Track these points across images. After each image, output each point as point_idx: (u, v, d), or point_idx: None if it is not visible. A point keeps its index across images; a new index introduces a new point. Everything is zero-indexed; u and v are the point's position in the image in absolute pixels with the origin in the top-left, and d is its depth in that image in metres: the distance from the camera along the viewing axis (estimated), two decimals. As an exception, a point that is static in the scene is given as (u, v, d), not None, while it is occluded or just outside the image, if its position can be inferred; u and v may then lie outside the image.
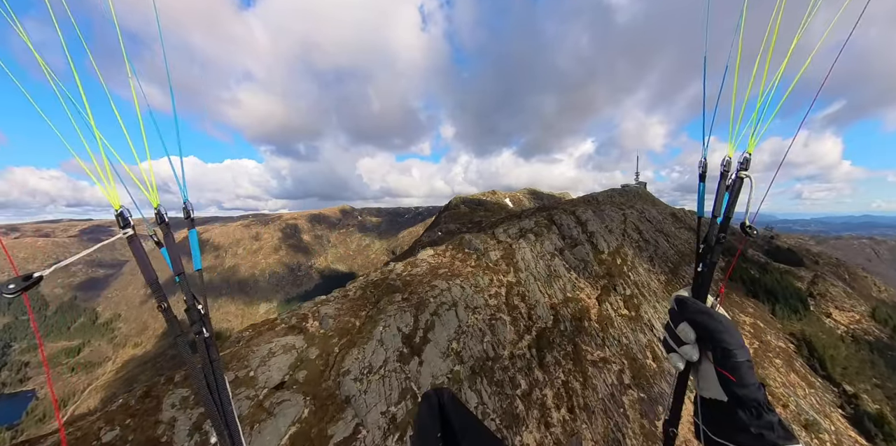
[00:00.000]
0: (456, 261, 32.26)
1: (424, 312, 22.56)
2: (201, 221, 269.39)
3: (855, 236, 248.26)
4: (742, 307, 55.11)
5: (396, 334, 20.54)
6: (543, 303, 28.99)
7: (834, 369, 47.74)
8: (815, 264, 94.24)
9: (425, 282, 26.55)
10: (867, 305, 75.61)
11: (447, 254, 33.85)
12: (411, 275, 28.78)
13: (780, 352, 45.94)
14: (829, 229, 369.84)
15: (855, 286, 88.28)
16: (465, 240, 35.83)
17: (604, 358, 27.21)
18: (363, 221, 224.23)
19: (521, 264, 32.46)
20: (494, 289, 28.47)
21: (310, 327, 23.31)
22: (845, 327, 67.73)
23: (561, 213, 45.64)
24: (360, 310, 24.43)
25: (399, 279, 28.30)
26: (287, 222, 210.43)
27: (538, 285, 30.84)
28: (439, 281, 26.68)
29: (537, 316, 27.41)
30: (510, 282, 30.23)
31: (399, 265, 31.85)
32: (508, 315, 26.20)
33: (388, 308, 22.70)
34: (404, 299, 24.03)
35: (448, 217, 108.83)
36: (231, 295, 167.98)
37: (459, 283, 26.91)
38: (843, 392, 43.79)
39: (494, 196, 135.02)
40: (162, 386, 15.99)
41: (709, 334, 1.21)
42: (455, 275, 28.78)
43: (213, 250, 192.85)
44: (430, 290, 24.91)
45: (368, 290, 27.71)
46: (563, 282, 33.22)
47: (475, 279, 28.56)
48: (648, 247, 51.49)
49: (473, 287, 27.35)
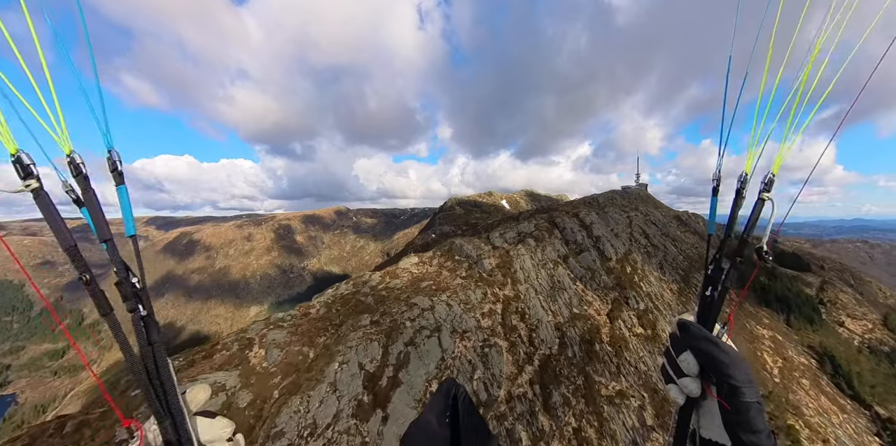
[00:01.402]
0: (444, 271, 27.05)
1: (397, 341, 17.28)
2: (194, 221, 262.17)
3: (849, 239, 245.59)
4: (758, 318, 50.23)
5: (357, 374, 15.25)
6: (547, 323, 23.76)
7: (862, 388, 43.08)
8: (821, 269, 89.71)
9: (403, 298, 21.30)
10: (878, 312, 71.37)
11: (434, 263, 28.63)
12: (388, 289, 23.51)
13: (804, 371, 41.10)
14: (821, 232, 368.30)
15: (862, 291, 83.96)
16: (455, 246, 30.64)
17: (620, 391, 21.98)
18: (358, 222, 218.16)
19: (521, 274, 27.28)
20: (488, 306, 23.27)
21: (253, 358, 17.96)
22: (860, 337, 63.17)
23: (563, 216, 40.50)
24: (319, 335, 19.14)
25: (373, 294, 23.01)
26: (280, 223, 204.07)
27: (540, 300, 25.63)
28: (421, 297, 21.45)
29: (540, 340, 22.17)
30: (507, 296, 25.05)
31: (376, 275, 26.57)
32: (505, 339, 20.95)
33: (350, 336, 17.41)
34: (374, 322, 18.75)
35: (443, 218, 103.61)
36: (221, 297, 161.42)
37: (446, 300, 21.70)
38: (876, 415, 39.13)
39: (491, 197, 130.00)
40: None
41: (714, 367, 1.04)
42: (441, 288, 23.55)
43: (204, 251, 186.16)
44: (408, 310, 19.65)
45: (335, 308, 22.40)
46: (569, 294, 28.02)
47: (465, 293, 23.36)
48: (657, 252, 46.51)
49: (463, 304, 22.15)
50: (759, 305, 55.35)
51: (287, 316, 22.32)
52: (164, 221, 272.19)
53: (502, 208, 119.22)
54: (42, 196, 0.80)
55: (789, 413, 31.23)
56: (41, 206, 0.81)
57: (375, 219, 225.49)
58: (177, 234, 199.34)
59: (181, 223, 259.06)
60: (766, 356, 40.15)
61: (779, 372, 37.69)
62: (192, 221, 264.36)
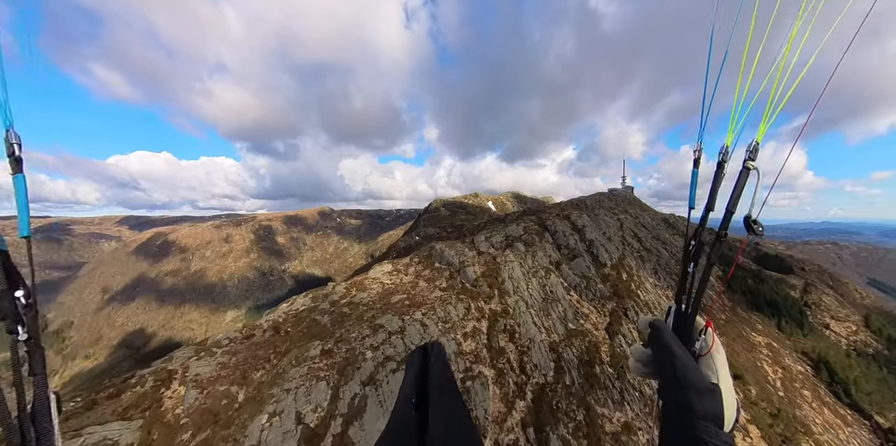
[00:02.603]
0: (421, 282, 23.08)
1: (352, 380, 13.22)
2: (170, 221, 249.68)
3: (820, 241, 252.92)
4: (751, 323, 48.04)
5: (291, 431, 11.10)
6: (540, 343, 20.05)
7: (860, 396, 41.29)
8: (803, 271, 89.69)
9: (367, 318, 17.26)
10: (859, 314, 71.19)
11: (410, 271, 24.62)
12: (352, 305, 19.38)
13: (804, 380, 38.92)
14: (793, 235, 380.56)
15: (842, 293, 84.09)
16: (435, 252, 26.72)
17: (626, 423, 18.42)
18: (342, 223, 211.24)
19: (509, 284, 23.57)
20: (472, 324, 19.46)
21: (167, 399, 13.56)
22: (846, 340, 62.24)
23: (554, 218, 37.13)
24: (256, 368, 14.86)
25: (332, 311, 18.82)
26: (261, 223, 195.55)
27: (532, 314, 21.92)
28: (390, 315, 17.46)
29: (533, 365, 18.42)
30: (494, 310, 21.29)
31: (340, 287, 22.36)
32: (491, 366, 17.11)
33: (290, 372, 13.25)
34: (325, 352, 14.63)
35: (427, 220, 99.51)
36: (196, 301, 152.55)
37: (420, 318, 17.76)
38: (877, 425, 37.21)
39: (477, 199, 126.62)
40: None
41: (674, 385, 0.88)
42: (416, 303, 19.59)
43: (179, 252, 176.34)
44: (371, 335, 15.62)
45: (285, 329, 18.12)
46: (563, 307, 24.44)
47: (445, 309, 19.47)
48: (651, 256, 43.77)
49: (441, 322, 18.25)
50: (751, 310, 53.46)
51: (225, 339, 17.94)
52: (137, 221, 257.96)
53: (488, 210, 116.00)
54: None
55: (800, 433, 28.50)
56: None
57: (360, 221, 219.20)
58: (150, 235, 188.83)
59: (156, 223, 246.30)
60: (766, 366, 37.84)
61: (781, 385, 35.29)
62: (167, 221, 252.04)
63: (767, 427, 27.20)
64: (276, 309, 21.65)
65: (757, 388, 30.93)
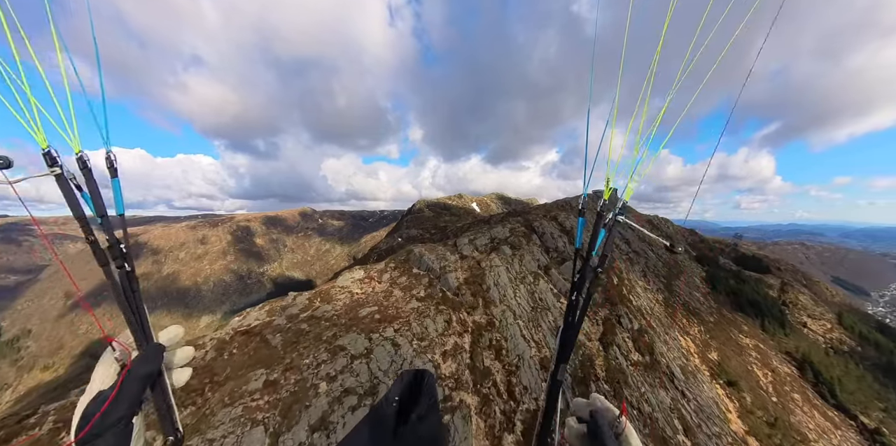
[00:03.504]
0: (396, 290, 20.29)
1: (299, 423, 10.31)
2: (143, 221, 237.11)
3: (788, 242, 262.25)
4: (737, 325, 47.22)
5: (206, 505, 8.25)
6: (530, 359, 17.58)
7: (844, 396, 40.85)
8: (779, 270, 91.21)
9: (327, 338, 14.37)
10: (832, 312, 72.50)
11: (384, 278, 21.78)
12: (312, 320, 16.44)
13: (793, 383, 37.97)
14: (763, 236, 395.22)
15: (816, 291, 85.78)
16: (413, 256, 23.98)
17: None
18: (324, 224, 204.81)
19: (495, 292, 21.06)
20: (453, 340, 16.83)
21: (58, 453, 10.46)
22: (822, 337, 62.89)
23: (541, 219, 34.96)
24: (182, 405, 11.79)
25: (289, 327, 15.83)
26: (239, 224, 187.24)
27: (520, 326, 19.45)
28: (355, 334, 14.64)
29: (522, 387, 15.90)
30: (478, 323, 18.73)
31: (303, 297, 19.33)
32: (475, 392, 14.50)
33: (220, 415, 10.28)
34: (269, 384, 11.67)
35: (411, 222, 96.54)
36: (168, 306, 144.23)
37: (392, 336, 15.02)
38: (863, 426, 36.62)
39: (461, 200, 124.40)
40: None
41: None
42: (388, 318, 16.82)
43: (150, 254, 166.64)
44: (329, 361, 12.78)
45: (229, 350, 15.03)
46: (553, 316, 22.10)
47: (422, 323, 16.79)
48: (639, 259, 42.33)
49: (417, 340, 15.56)
50: (735, 310, 52.91)
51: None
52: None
53: (472, 211, 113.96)
54: (64, 179, 1.04)
55: (798, 443, 27.10)
56: (61, 185, 1.04)
57: (342, 222, 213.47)
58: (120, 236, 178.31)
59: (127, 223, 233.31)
60: (757, 370, 36.72)
61: (773, 389, 34.11)
62: (139, 221, 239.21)
63: (766, 437, 25.72)
64: (228, 323, 18.48)
65: (752, 395, 29.54)
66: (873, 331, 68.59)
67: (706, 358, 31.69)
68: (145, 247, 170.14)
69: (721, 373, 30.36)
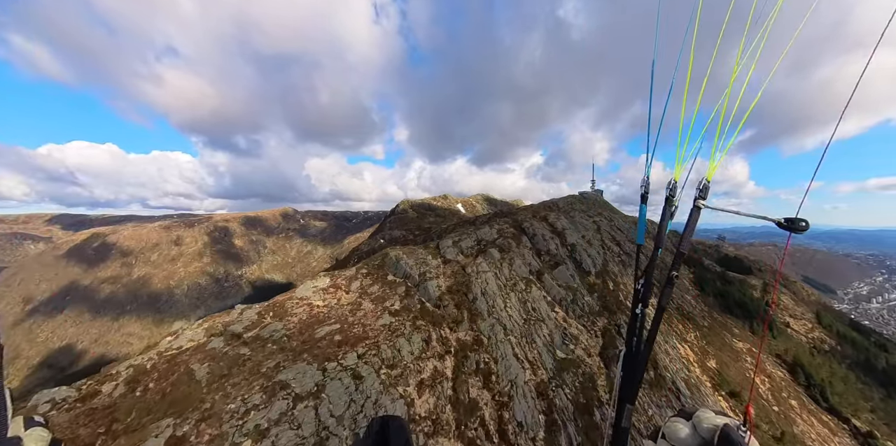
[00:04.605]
0: (365, 302, 17.02)
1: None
2: (113, 220, 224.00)
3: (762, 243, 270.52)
4: (729, 328, 45.74)
5: None
6: (524, 386, 14.58)
7: (835, 399, 39.80)
8: (760, 271, 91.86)
9: (267, 369, 11.00)
10: (811, 311, 73.01)
11: (353, 287, 18.46)
12: (258, 342, 13.01)
13: (788, 389, 36.42)
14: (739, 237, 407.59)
15: (795, 291, 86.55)
16: (389, 260, 20.72)
17: (640, 495, 13.34)
18: (306, 225, 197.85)
19: (483, 303, 18.05)
20: (432, 365, 13.70)
21: None
22: (805, 337, 62.69)
23: (531, 220, 32.24)
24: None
25: (225, 352, 12.35)
26: (217, 224, 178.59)
27: (512, 343, 16.46)
28: (305, 362, 11.33)
29: (517, 423, 12.86)
30: (463, 342, 15.67)
31: (251, 311, 15.80)
32: (458, 436, 11.38)
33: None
34: (175, 443, 8.35)
35: (394, 222, 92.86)
36: (137, 312, 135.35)
37: (353, 365, 11.79)
38: (856, 429, 35.44)
39: (446, 201, 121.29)
40: None
41: None
42: (352, 338, 13.55)
43: (120, 256, 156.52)
44: (264, 404, 9.42)
45: (145, 384, 11.46)
46: (549, 328, 19.23)
47: (394, 344, 13.60)
48: (631, 261, 40.17)
49: (387, 368, 12.37)
50: (725, 313, 51.65)
51: (47, 401, 11.05)
52: (72, 220, 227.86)
53: (458, 212, 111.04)
54: None
55: (806, 460, 25.15)
56: None
57: (325, 223, 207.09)
58: (87, 236, 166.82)
59: (94, 222, 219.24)
60: (752, 375, 34.98)
61: (772, 397, 32.36)
62: (108, 220, 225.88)
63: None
64: (155, 346, 14.80)
65: (755, 407, 27.56)
66: (849, 329, 69.29)
67: (706, 367, 29.57)
68: (114, 248, 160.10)
69: (722, 384, 28.30)
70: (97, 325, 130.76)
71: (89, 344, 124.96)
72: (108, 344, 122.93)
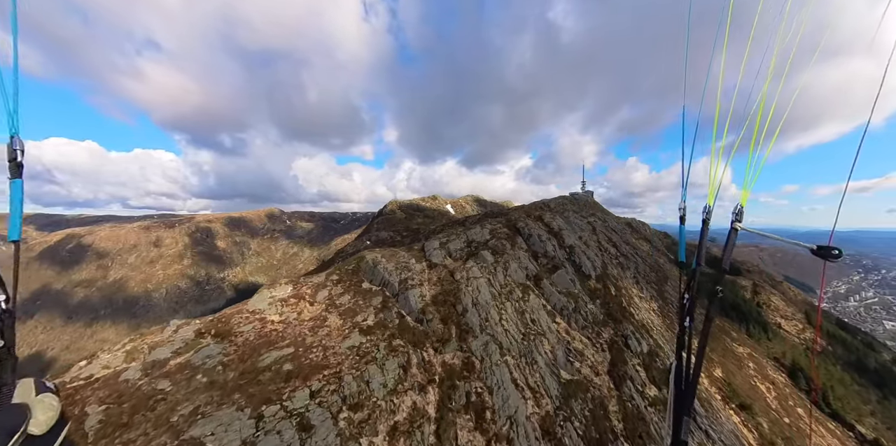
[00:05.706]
0: (332, 316, 13.99)
1: None
2: (90, 221, 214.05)
3: (745, 244, 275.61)
4: (727, 332, 43.99)
5: None
6: (526, 422, 11.71)
7: (836, 403, 38.32)
8: (748, 272, 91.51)
9: (178, 420, 8.04)
10: (800, 311, 72.58)
11: (320, 297, 15.40)
12: (183, 373, 9.95)
13: (792, 396, 34.37)
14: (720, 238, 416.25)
15: (783, 291, 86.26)
16: (365, 265, 17.72)
17: None
18: (292, 226, 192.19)
19: (474, 315, 15.20)
20: (410, 400, 10.78)
21: None
22: (797, 338, 61.76)
23: (526, 219, 29.55)
24: None
25: (137, 387, 9.26)
26: (199, 225, 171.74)
27: (509, 365, 13.61)
28: (233, 407, 8.37)
29: (518, 475, 9.94)
30: (450, 367, 12.79)
31: (189, 328, 12.65)
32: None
33: None
34: None
35: (382, 223, 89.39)
36: (113, 316, 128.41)
37: (301, 408, 8.82)
38: (862, 437, 33.80)
39: (435, 201, 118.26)
40: None
41: None
42: (307, 367, 10.54)
43: (95, 258, 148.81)
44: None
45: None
46: (551, 344, 16.46)
47: (363, 374, 10.64)
48: (629, 263, 37.93)
49: (349, 409, 9.42)
50: (721, 315, 50.14)
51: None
52: (47, 220, 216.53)
53: (447, 213, 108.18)
54: None
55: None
56: None
57: (312, 224, 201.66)
58: (61, 237, 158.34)
59: (71, 223, 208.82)
60: (759, 384, 32.91)
61: (779, 405, 30.32)
62: (85, 221, 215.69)
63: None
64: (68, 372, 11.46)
65: (766, 420, 25.26)
66: (836, 328, 69.02)
67: (714, 378, 27.31)
68: (89, 249, 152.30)
69: (732, 395, 26.08)
70: (69, 331, 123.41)
71: (60, 351, 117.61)
72: (81, 351, 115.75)
